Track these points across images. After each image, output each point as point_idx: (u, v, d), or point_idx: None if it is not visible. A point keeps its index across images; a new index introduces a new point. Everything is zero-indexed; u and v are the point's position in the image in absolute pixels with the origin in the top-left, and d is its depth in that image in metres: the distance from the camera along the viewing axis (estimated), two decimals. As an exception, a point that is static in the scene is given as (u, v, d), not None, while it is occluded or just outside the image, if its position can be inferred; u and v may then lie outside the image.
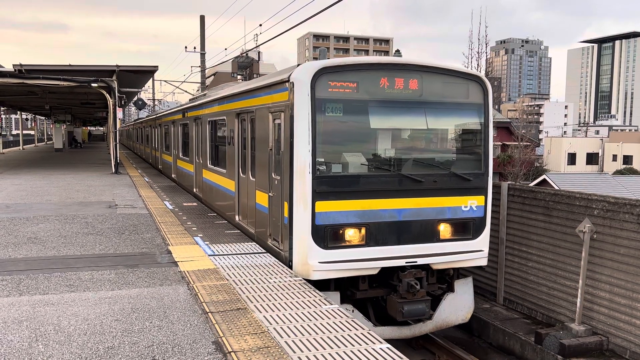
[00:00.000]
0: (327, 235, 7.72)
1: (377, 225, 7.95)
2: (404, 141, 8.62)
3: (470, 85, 8.54)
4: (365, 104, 7.92)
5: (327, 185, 7.68)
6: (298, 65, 8.04)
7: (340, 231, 7.82)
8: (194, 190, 16.13)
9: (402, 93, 8.08)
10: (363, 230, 7.91)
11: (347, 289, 8.24)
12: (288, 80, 7.76)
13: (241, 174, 10.62)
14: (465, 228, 8.53)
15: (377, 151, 8.29)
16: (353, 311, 8.08)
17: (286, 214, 7.94)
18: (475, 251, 8.59)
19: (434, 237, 8.29)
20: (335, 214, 7.74)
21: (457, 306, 8.91)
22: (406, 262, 8.06)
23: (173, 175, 21.07)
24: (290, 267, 7.87)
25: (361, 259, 7.85)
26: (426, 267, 8.31)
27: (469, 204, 8.50)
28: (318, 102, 7.57)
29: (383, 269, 8.02)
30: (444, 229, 8.37)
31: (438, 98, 8.34)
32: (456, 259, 8.45)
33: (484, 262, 8.75)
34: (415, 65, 8.16)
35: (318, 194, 7.63)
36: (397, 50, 11.45)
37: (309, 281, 7.34)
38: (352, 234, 7.88)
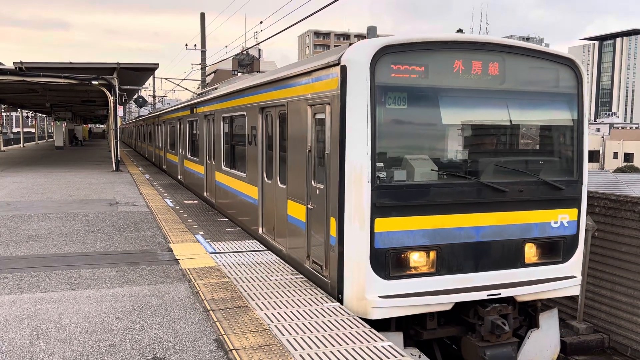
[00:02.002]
0: (389, 261, 6.19)
1: (450, 248, 6.42)
2: (482, 140, 7.05)
3: (560, 71, 6.97)
4: (435, 94, 6.38)
5: (389, 198, 6.12)
6: (350, 44, 6.40)
7: (405, 256, 6.30)
8: (205, 194, 14.68)
9: (481, 80, 6.55)
10: (433, 255, 6.39)
11: (410, 327, 6.67)
12: (338, 64, 6.23)
13: (266, 179, 9.18)
14: (555, 249, 6.98)
15: (449, 153, 6.73)
16: (420, 357, 6.48)
17: (333, 233, 6.43)
18: (566, 277, 6.97)
19: (518, 261, 6.76)
20: (400, 234, 6.21)
21: (543, 345, 7.23)
22: (487, 295, 6.47)
23: (179, 177, 19.67)
24: (339, 300, 6.35)
25: (431, 292, 6.31)
26: (509, 300, 6.68)
27: (559, 218, 6.95)
28: (379, 90, 6.05)
29: (457, 303, 6.43)
30: (530, 251, 6.84)
31: (523, 86, 6.78)
32: (545, 289, 6.82)
33: (576, 290, 7.13)
34: (497, 45, 6.60)
35: (378, 209, 6.07)
36: (460, 30, 10.49)
37: (365, 320, 5.97)
38: (419, 260, 6.38)
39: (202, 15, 36.00)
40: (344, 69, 6.15)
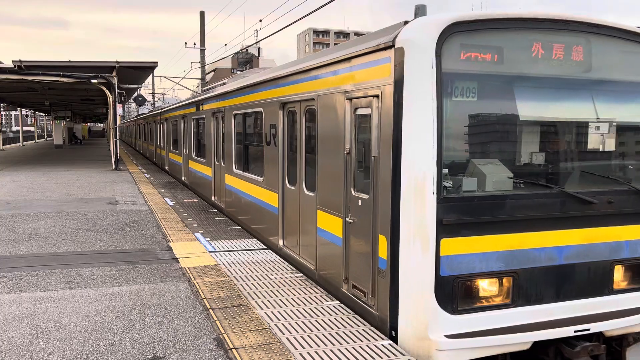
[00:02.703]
0: (457, 292, 5.06)
1: (528, 273, 5.29)
2: (564, 141, 5.75)
3: None
4: (510, 83, 5.26)
5: (458, 213, 4.99)
6: (405, 22, 5.22)
7: (476, 285, 5.17)
8: (212, 198, 13.60)
9: (562, 67, 5.39)
10: (508, 282, 5.25)
11: None
12: (391, 46, 5.08)
13: (288, 185, 8.12)
14: None
15: (525, 156, 5.56)
16: None
17: (383, 255, 5.33)
18: None
19: (605, 287, 5.62)
20: (470, 257, 5.10)
21: None
22: (575, 332, 5.31)
23: (183, 178, 18.60)
24: (392, 337, 5.24)
25: (506, 328, 5.17)
26: (597, 335, 5.56)
27: None
28: (446, 78, 4.92)
29: (536, 342, 5.26)
30: (620, 274, 5.73)
31: (612, 75, 5.64)
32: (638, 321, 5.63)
33: None
34: (583, 24, 5.42)
35: (445, 228, 4.95)
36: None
37: None
38: (493, 289, 5.25)
39: (202, 14, 35.97)
40: (400, 53, 4.98)
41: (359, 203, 5.86)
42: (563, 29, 5.36)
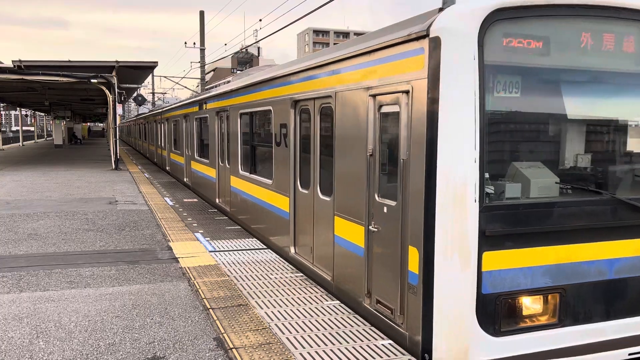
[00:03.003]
0: (500, 311, 4.61)
1: (576, 289, 4.82)
2: (615, 141, 5.27)
3: None
4: (557, 77, 4.80)
5: (502, 223, 4.54)
6: (440, 9, 4.71)
7: (520, 303, 4.71)
8: (216, 200, 13.09)
9: (613, 59, 4.91)
10: (554, 299, 4.80)
11: None
12: (425, 35, 4.56)
13: (300, 189, 7.64)
14: None
15: (572, 159, 5.09)
16: None
17: (414, 268, 4.81)
18: None
19: None
20: (514, 273, 4.64)
21: None
22: (629, 355, 4.92)
23: (185, 179, 18.02)
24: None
25: (553, 351, 4.73)
26: None
27: None
28: (489, 72, 4.48)
29: None
30: None
31: None
32: None
33: None
34: (637, 12, 4.91)
35: (488, 239, 4.49)
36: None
37: None
38: (537, 307, 4.79)
39: (202, 13, 35.96)
40: (435, 43, 4.46)
41: (385, 210, 5.30)
42: (614, 17, 4.82)
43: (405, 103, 4.91)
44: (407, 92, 4.86)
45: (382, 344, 5.05)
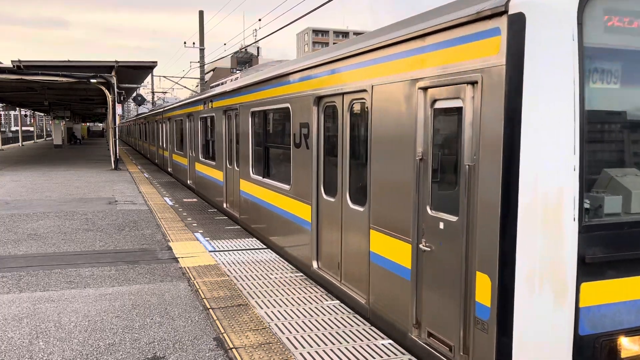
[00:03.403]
0: (600, 356, 3.85)
1: None
2: None
3: None
4: None
5: (603, 246, 3.74)
6: None
7: (621, 345, 3.92)
8: (224, 205, 12.33)
9: None
10: None
11: None
12: (503, 12, 3.67)
13: (324, 196, 6.84)
14: None
15: None
16: None
17: (483, 299, 3.93)
18: None
19: None
20: (616, 308, 3.84)
21: None
22: None
23: (189, 182, 17.18)
24: None
25: None
26: None
27: None
28: (588, 56, 3.68)
29: None
30: None
31: None
32: None
33: None
34: None
35: (587, 267, 3.71)
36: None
37: None
38: (636, 348, 4.00)
39: (201, 13, 35.96)
40: (517, 22, 3.58)
41: (441, 226, 4.43)
42: None
43: (470, 97, 4.05)
44: (473, 83, 4.01)
45: (382, 344, 5.05)
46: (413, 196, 4.77)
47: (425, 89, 4.60)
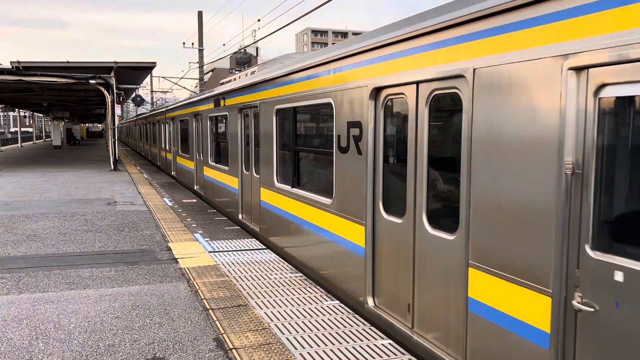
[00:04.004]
0: None
1: None
2: None
3: None
4: None
5: None
6: None
7: None
8: (240, 216, 11.13)
9: None
10: None
11: None
12: None
13: (384, 215, 5.45)
14: None
15: None
16: None
17: None
18: None
19: None
20: None
21: None
22: None
23: (196, 187, 16.06)
24: None
25: None
26: None
27: None
28: None
29: None
30: None
31: None
32: None
33: None
34: None
35: None
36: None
37: None
38: None
39: (200, 14, 35.95)
40: None
41: (619, 278, 3.01)
42: None
43: None
44: None
45: (382, 344, 5.05)
46: (556, 227, 3.35)
47: (582, 69, 3.17)
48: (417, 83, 4.81)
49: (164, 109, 23.70)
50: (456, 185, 4.41)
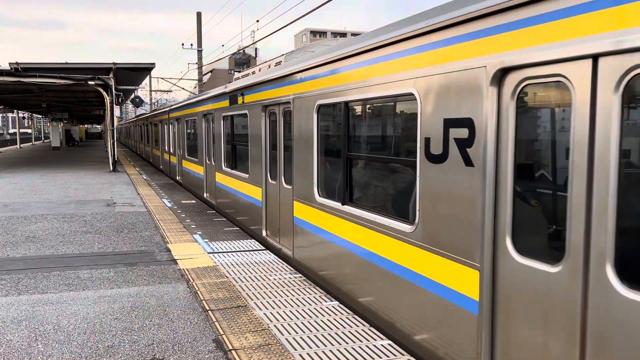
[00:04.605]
0: None
1: None
2: None
3: None
4: None
5: None
6: None
7: None
8: (264, 232, 9.39)
9: None
10: None
11: None
12: None
13: (514, 254, 3.74)
14: None
15: None
16: None
17: None
18: None
19: None
20: None
21: None
22: None
23: (206, 195, 14.53)
24: None
25: None
26: None
27: None
28: None
29: None
30: None
31: None
32: None
33: None
34: None
35: None
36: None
37: None
38: None
39: (199, 15, 35.95)
40: None
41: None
42: None
43: None
44: None
45: (382, 344, 5.05)
46: None
47: None
48: (595, 57, 3.07)
49: (168, 109, 22.53)
50: None
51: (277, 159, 8.65)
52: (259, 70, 11.50)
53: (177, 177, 19.75)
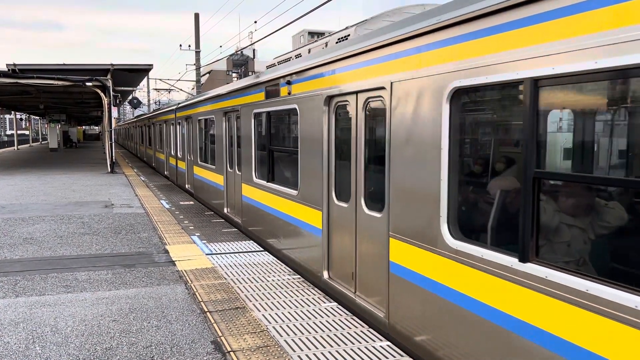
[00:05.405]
0: None
1: None
2: None
3: None
4: None
5: None
6: None
7: None
8: (325, 274, 6.83)
9: None
10: None
11: None
12: None
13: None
14: None
15: None
16: None
17: None
18: None
19: None
20: None
21: None
22: None
23: (226, 210, 12.13)
24: None
25: None
26: None
27: None
28: None
29: None
30: None
31: None
32: None
33: None
34: None
35: None
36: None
37: None
38: None
39: (197, 16, 35.92)
40: None
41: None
42: None
43: None
44: None
45: (381, 346, 5.04)
46: None
47: None
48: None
49: (174, 107, 19.74)
50: None
51: (357, 172, 6.06)
52: (308, 52, 9.08)
53: (187, 186, 17.08)
